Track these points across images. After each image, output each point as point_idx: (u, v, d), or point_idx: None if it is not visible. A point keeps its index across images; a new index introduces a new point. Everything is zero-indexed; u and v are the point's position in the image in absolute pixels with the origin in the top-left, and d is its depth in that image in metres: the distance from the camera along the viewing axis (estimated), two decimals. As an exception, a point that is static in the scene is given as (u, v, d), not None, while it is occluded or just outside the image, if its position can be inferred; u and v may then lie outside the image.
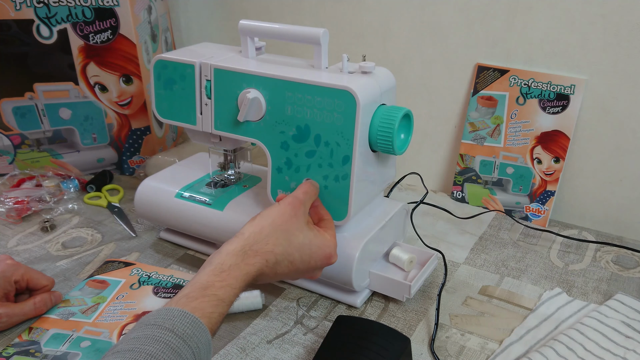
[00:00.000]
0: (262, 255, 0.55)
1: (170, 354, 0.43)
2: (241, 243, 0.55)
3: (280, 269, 0.57)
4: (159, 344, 0.43)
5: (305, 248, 0.60)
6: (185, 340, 0.44)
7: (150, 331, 0.44)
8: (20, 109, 1.01)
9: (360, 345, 0.60)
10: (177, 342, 0.44)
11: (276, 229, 0.58)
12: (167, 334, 0.44)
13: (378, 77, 0.69)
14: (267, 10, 1.13)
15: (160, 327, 0.45)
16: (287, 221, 0.59)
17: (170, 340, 0.44)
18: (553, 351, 0.64)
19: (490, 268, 0.83)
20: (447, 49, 0.97)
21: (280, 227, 0.58)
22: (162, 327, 0.45)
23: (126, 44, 0.99)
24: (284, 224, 0.59)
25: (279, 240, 0.57)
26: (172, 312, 0.46)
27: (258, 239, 0.56)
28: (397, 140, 0.67)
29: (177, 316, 0.46)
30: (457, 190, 1.02)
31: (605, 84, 0.87)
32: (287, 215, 0.60)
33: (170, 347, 0.43)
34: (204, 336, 0.46)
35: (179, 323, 0.45)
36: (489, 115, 0.96)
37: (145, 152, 1.09)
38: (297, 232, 0.59)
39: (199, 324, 0.46)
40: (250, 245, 0.55)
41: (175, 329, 0.45)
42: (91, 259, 0.83)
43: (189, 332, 0.45)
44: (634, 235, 0.91)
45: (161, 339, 0.44)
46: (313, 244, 0.61)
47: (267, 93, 0.69)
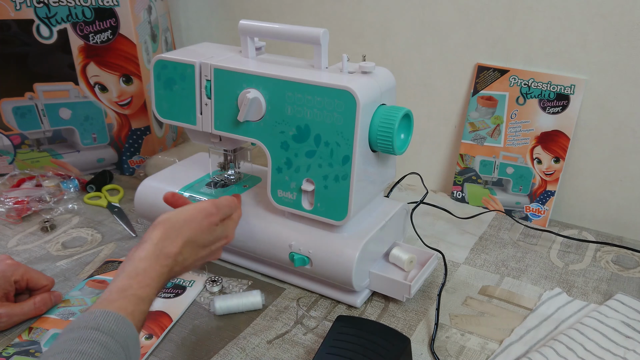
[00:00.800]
0: (173, 257, 0.59)
1: (100, 350, 0.46)
2: (151, 249, 0.58)
3: (188, 262, 0.62)
4: (88, 342, 0.46)
5: (210, 243, 0.65)
6: (112, 335, 0.47)
7: (77, 334, 0.47)
8: (20, 109, 1.01)
9: (360, 345, 0.60)
10: (104, 338, 0.47)
11: (183, 234, 0.61)
12: (93, 332, 0.47)
13: (378, 77, 0.69)
14: (267, 10, 1.13)
15: (85, 328, 0.47)
16: (196, 228, 0.62)
17: (98, 337, 0.46)
18: (553, 351, 0.64)
19: (490, 268, 0.83)
20: (447, 49, 0.97)
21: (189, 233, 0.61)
22: (88, 327, 0.47)
23: (126, 44, 0.99)
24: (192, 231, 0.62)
25: (187, 244, 0.61)
26: (94, 314, 0.49)
27: (166, 244, 0.59)
28: (397, 140, 0.67)
29: (100, 316, 0.48)
30: (457, 190, 1.02)
31: (605, 84, 0.87)
32: (197, 222, 0.63)
33: (99, 343, 0.46)
34: (129, 330, 0.49)
35: (103, 321, 0.48)
36: (489, 115, 0.96)
37: (145, 152, 1.09)
38: (205, 235, 0.63)
39: (122, 320, 0.49)
40: (159, 250, 0.58)
41: (100, 327, 0.47)
42: (91, 259, 0.83)
43: (114, 328, 0.48)
44: (634, 235, 0.91)
45: (89, 337, 0.46)
46: (217, 237, 0.66)
47: (267, 93, 0.69)
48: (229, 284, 0.77)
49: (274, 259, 0.75)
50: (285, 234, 0.73)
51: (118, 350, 0.47)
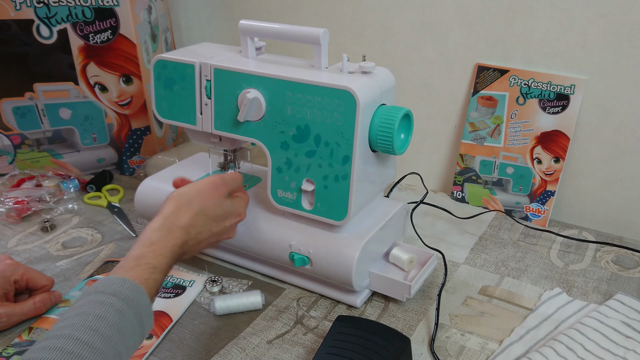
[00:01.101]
0: (185, 229, 0.61)
1: (115, 315, 0.48)
2: (162, 221, 0.60)
3: (202, 236, 0.64)
4: (105, 306, 0.48)
5: (222, 217, 0.66)
6: (127, 302, 0.49)
7: (95, 297, 0.49)
8: (20, 109, 1.01)
9: (360, 345, 0.60)
10: (120, 304, 0.49)
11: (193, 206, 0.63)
12: (110, 297, 0.49)
13: (378, 77, 0.69)
14: (267, 10, 1.13)
15: (103, 292, 0.49)
16: (206, 198, 0.65)
17: (114, 302, 0.48)
18: (553, 351, 0.64)
19: (490, 268, 0.83)
20: (447, 49, 0.97)
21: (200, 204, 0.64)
22: (105, 292, 0.49)
23: (126, 44, 0.99)
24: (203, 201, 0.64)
25: (198, 215, 0.63)
26: (112, 280, 0.51)
27: (178, 216, 0.61)
28: (397, 140, 0.67)
29: (117, 282, 0.50)
30: (457, 190, 1.02)
31: (605, 84, 0.87)
32: (207, 193, 0.65)
33: (115, 308, 0.48)
34: (143, 299, 0.51)
35: (120, 288, 0.50)
36: (489, 115, 0.96)
37: (145, 152, 1.09)
38: (216, 207, 0.65)
39: (138, 288, 0.51)
40: (172, 222, 0.60)
41: (117, 293, 0.49)
42: (91, 259, 0.83)
43: (129, 295, 0.50)
44: (634, 235, 0.91)
45: (106, 302, 0.48)
46: (228, 211, 0.67)
47: (267, 93, 0.69)
48: (229, 284, 0.77)
49: (274, 259, 0.75)
50: (285, 234, 0.73)
51: (131, 317, 0.49)
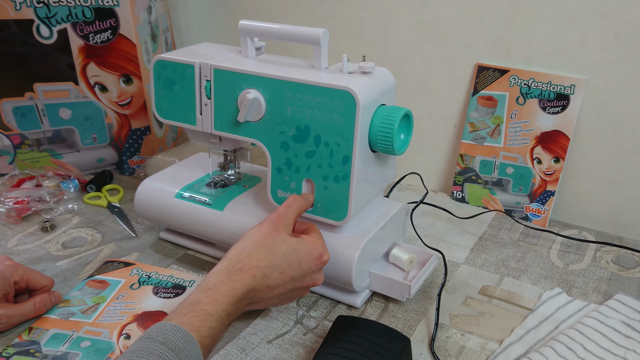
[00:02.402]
0: (248, 272, 0.57)
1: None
2: (224, 264, 0.57)
3: (272, 281, 0.58)
4: (153, 355, 0.46)
5: (292, 255, 0.60)
6: (177, 353, 0.47)
7: (145, 344, 0.47)
8: (20, 109, 1.01)
9: (360, 345, 0.60)
10: (169, 355, 0.46)
11: (257, 245, 0.59)
12: (160, 346, 0.47)
13: (378, 77, 0.69)
14: (267, 10, 1.13)
15: (154, 340, 0.47)
16: (267, 236, 0.61)
17: (163, 352, 0.46)
18: (553, 351, 0.64)
19: (490, 268, 0.83)
20: (447, 49, 0.97)
21: (261, 243, 0.60)
22: (156, 340, 0.47)
23: (126, 44, 0.99)
24: (263, 239, 0.60)
25: (262, 255, 0.59)
26: (165, 327, 0.49)
27: (240, 258, 0.58)
28: (397, 141, 0.67)
29: (169, 330, 0.48)
30: (457, 190, 1.02)
31: (605, 84, 0.87)
32: (266, 231, 0.61)
33: (163, 358, 0.46)
34: (194, 350, 0.49)
35: (171, 337, 0.48)
36: (489, 115, 0.96)
37: (145, 152, 1.09)
38: (279, 244, 0.60)
39: (190, 338, 0.48)
40: (233, 265, 0.57)
41: (167, 342, 0.47)
42: (91, 259, 0.83)
43: (180, 345, 0.47)
44: (634, 235, 0.91)
45: (155, 351, 0.46)
46: (299, 250, 0.61)
47: (267, 93, 0.69)
48: (229, 284, 0.77)
49: (274, 259, 0.75)
50: (285, 234, 0.73)
51: None
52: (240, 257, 0.58)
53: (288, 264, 0.60)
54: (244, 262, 0.57)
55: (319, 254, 0.63)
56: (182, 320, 0.50)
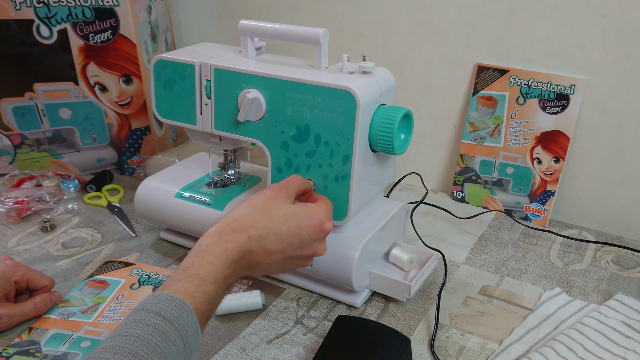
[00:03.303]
0: (242, 232, 0.53)
1: (158, 337, 0.45)
2: (217, 225, 0.54)
3: (269, 244, 0.55)
4: (148, 327, 0.45)
5: (291, 220, 0.57)
6: (172, 322, 0.46)
7: (139, 316, 0.46)
8: (20, 109, 1.01)
9: (360, 345, 0.60)
10: (164, 325, 0.45)
11: (255, 207, 0.56)
12: (154, 317, 0.46)
13: (378, 77, 0.69)
14: (267, 10, 1.13)
15: (148, 311, 0.46)
16: (266, 200, 0.58)
17: (158, 323, 0.45)
18: (553, 351, 0.64)
19: (490, 268, 0.83)
20: (447, 49, 0.97)
21: (259, 205, 0.57)
22: (150, 311, 0.46)
23: (126, 44, 0.99)
24: (262, 203, 0.57)
25: (259, 215, 0.55)
26: (159, 297, 0.47)
27: (235, 218, 0.54)
28: (397, 140, 0.67)
29: (163, 300, 0.47)
30: (457, 190, 1.02)
31: (605, 84, 0.87)
32: (266, 196, 0.58)
33: (158, 329, 0.45)
34: (190, 319, 0.47)
35: (165, 306, 0.46)
36: (489, 115, 0.96)
37: (145, 152, 1.09)
38: (278, 207, 0.57)
39: (184, 307, 0.47)
40: (226, 225, 0.54)
41: (162, 312, 0.46)
42: (91, 259, 0.83)
43: (175, 314, 0.46)
44: (634, 235, 0.91)
45: (149, 322, 0.45)
46: (299, 215, 0.58)
47: (267, 93, 0.69)
48: (229, 284, 0.77)
49: (274, 259, 0.75)
50: (285, 234, 0.73)
51: (176, 339, 0.45)
52: (235, 217, 0.55)
53: (287, 228, 0.56)
54: (238, 221, 0.54)
55: (320, 221, 0.59)
56: (176, 287, 0.48)
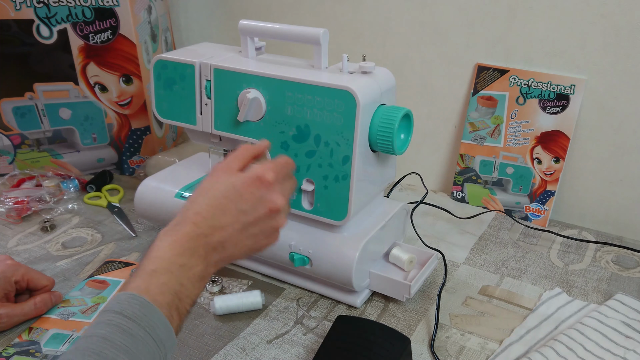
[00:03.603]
0: (186, 221, 0.53)
1: (121, 335, 0.45)
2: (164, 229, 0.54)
3: (219, 221, 0.53)
4: (111, 326, 0.45)
5: (229, 190, 0.55)
6: (135, 320, 0.46)
7: (103, 317, 0.47)
8: (20, 109, 1.01)
9: (360, 345, 0.60)
10: (127, 323, 0.46)
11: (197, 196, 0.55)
12: (117, 316, 0.46)
13: (378, 77, 0.69)
14: (267, 10, 1.13)
15: (110, 311, 0.47)
16: (205, 182, 0.56)
17: (120, 322, 0.46)
18: (553, 351, 0.64)
19: (490, 268, 0.83)
20: (447, 49, 0.97)
21: (201, 191, 0.56)
22: (112, 311, 0.47)
23: (126, 44, 0.99)
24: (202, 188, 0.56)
25: (199, 200, 0.54)
26: (118, 297, 0.48)
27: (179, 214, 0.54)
28: (397, 140, 0.67)
29: (123, 300, 0.47)
30: (457, 190, 1.02)
31: (605, 84, 0.87)
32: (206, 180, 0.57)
33: (121, 328, 0.45)
34: (154, 314, 0.47)
35: (125, 305, 0.47)
36: (489, 115, 0.96)
37: (145, 152, 1.09)
38: (214, 185, 0.56)
39: (144, 303, 0.47)
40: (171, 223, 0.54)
41: (123, 311, 0.46)
42: (91, 259, 0.83)
43: (136, 311, 0.46)
44: (634, 235, 0.91)
45: (112, 322, 0.46)
46: (235, 182, 0.55)
47: (267, 93, 0.69)
48: (229, 284, 0.77)
49: (274, 259, 0.75)
50: (285, 234, 0.73)
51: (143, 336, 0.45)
52: (180, 213, 0.54)
53: (228, 200, 0.54)
54: (181, 215, 0.53)
55: (256, 175, 0.55)
56: (132, 286, 0.48)
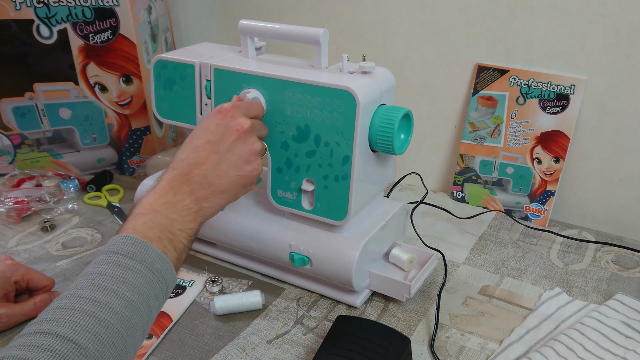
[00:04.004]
0: (168, 170, 0.57)
1: (118, 269, 0.46)
2: None
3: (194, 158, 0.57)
4: (108, 263, 0.47)
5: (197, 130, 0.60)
6: (130, 256, 0.47)
7: (99, 258, 0.48)
8: (20, 109, 1.01)
9: (360, 345, 0.60)
10: (122, 259, 0.47)
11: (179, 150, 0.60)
12: (111, 255, 0.47)
13: (378, 77, 0.69)
14: (267, 10, 1.13)
15: (106, 252, 0.48)
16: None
17: (116, 259, 0.47)
18: (553, 351, 0.64)
19: (490, 268, 0.83)
20: (447, 49, 0.97)
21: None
22: (108, 252, 0.48)
23: (126, 44, 0.99)
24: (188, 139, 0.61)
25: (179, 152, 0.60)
26: (114, 240, 0.49)
27: None
28: (397, 140, 0.67)
29: (118, 241, 0.49)
30: (457, 190, 1.02)
31: (605, 84, 0.87)
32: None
33: (117, 263, 0.47)
34: (147, 249, 0.49)
35: (119, 244, 0.48)
36: (489, 115, 0.96)
37: (145, 152, 1.09)
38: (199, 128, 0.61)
39: (136, 240, 0.49)
40: None
41: (118, 250, 0.48)
42: (91, 259, 0.83)
43: (131, 249, 0.48)
44: (634, 235, 0.91)
45: (108, 260, 0.47)
46: (201, 122, 0.61)
47: (267, 93, 0.69)
48: (229, 284, 0.77)
49: (274, 259, 0.75)
50: (285, 234, 0.73)
51: (140, 269, 0.47)
52: None
53: (198, 138, 0.59)
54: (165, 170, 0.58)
55: (215, 110, 0.61)
56: (120, 231, 0.51)
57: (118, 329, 0.43)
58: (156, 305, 0.48)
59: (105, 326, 0.43)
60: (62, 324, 0.41)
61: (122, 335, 0.44)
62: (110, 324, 0.43)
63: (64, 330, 0.41)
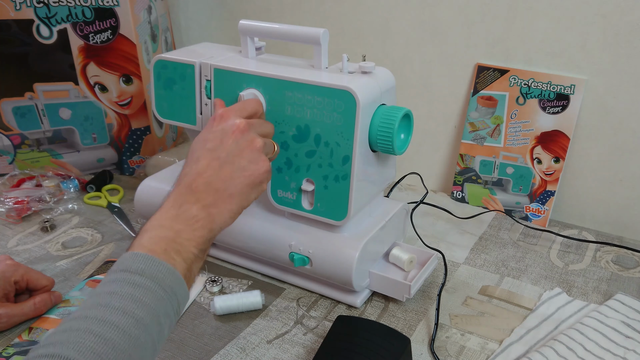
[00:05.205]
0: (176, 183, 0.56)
1: (128, 287, 0.45)
2: None
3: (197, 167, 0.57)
4: (117, 282, 0.46)
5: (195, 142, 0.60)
6: (140, 273, 0.46)
7: (108, 277, 0.47)
8: (20, 109, 1.01)
9: (360, 345, 0.60)
10: (132, 277, 0.46)
11: None
12: (121, 274, 0.47)
13: (378, 77, 0.69)
14: (267, 10, 1.13)
15: (114, 271, 0.47)
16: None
17: (125, 277, 0.46)
18: (553, 351, 0.64)
19: (490, 268, 0.83)
20: (447, 49, 0.97)
21: None
22: (116, 270, 0.47)
23: (126, 44, 0.99)
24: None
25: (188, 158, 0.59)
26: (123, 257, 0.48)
27: None
28: (397, 140, 0.67)
29: (128, 258, 0.48)
30: (457, 190, 1.02)
31: (605, 84, 0.87)
32: None
33: (127, 281, 0.46)
34: (159, 265, 0.48)
35: (130, 262, 0.47)
36: (489, 115, 0.96)
37: (145, 152, 1.09)
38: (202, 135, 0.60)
39: (146, 257, 0.48)
40: None
41: (127, 268, 0.47)
42: (91, 259, 0.83)
43: (141, 266, 0.47)
44: (634, 235, 0.91)
45: (118, 278, 0.46)
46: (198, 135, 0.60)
47: (267, 93, 0.69)
48: (229, 284, 0.77)
49: (274, 259, 0.75)
50: (285, 234, 0.73)
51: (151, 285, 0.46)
52: None
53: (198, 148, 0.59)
54: None
55: (210, 119, 0.61)
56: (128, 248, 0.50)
57: (125, 348, 0.42)
58: (167, 322, 0.47)
59: (111, 346, 0.42)
60: (66, 345, 0.41)
61: (129, 354, 0.43)
62: (116, 343, 0.42)
63: (67, 352, 0.40)
